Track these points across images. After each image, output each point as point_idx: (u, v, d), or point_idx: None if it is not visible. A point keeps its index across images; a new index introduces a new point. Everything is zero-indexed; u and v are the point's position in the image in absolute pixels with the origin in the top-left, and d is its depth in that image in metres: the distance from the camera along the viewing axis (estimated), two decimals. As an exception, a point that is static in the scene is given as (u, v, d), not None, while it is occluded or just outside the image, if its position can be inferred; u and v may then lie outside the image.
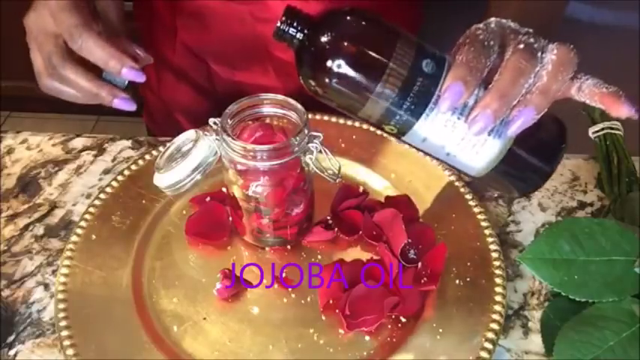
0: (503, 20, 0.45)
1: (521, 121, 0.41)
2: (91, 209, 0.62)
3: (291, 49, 0.46)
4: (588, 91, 0.44)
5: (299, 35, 0.45)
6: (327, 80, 0.43)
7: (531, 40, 0.42)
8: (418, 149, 0.47)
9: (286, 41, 0.45)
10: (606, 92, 0.44)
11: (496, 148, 0.44)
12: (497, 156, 0.45)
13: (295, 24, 0.44)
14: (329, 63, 0.43)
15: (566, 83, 0.43)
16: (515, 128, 0.42)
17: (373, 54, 0.43)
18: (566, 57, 0.42)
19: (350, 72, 0.43)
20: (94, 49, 0.53)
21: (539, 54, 0.42)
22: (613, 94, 0.44)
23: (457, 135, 0.44)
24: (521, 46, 0.42)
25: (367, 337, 0.53)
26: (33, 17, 0.57)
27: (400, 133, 0.45)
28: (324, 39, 0.43)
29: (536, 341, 0.54)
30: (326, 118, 0.71)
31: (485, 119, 0.41)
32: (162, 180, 0.56)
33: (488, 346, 0.51)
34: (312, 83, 0.45)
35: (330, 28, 0.44)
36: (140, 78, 0.55)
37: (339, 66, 0.43)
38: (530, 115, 0.41)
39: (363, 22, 0.44)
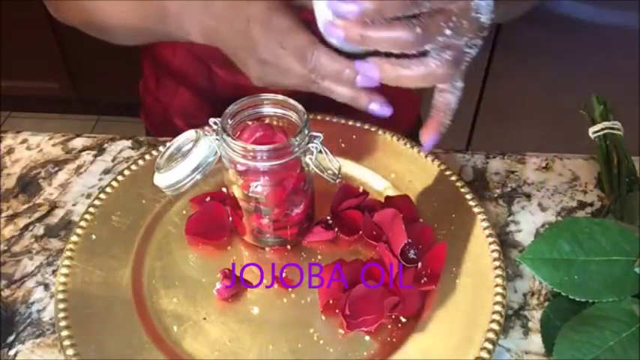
0: None
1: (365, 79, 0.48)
2: (91, 209, 0.62)
3: None
4: (439, 101, 0.49)
5: None
6: None
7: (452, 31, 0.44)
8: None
9: None
10: (441, 116, 0.49)
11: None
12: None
13: None
14: None
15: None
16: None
17: None
18: (440, 71, 0.45)
19: None
20: (329, 64, 0.49)
21: (438, 45, 0.44)
22: (440, 123, 0.49)
23: None
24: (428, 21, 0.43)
25: (367, 337, 0.53)
26: (263, 49, 0.51)
27: None
28: None
29: (536, 341, 0.54)
30: (327, 118, 0.71)
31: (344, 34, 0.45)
32: (162, 180, 0.56)
33: (488, 346, 0.51)
34: None
35: None
36: (387, 111, 0.51)
37: None
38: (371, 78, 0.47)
39: None
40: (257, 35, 0.50)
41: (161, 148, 0.66)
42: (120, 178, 0.65)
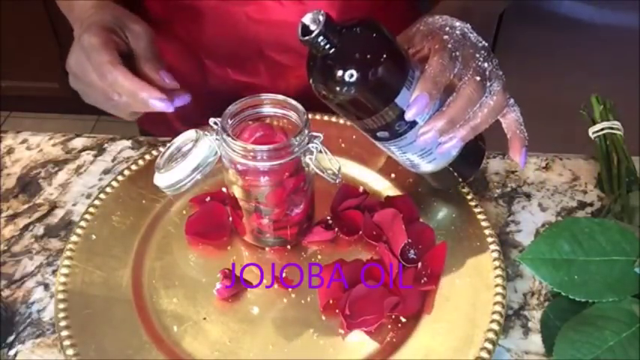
0: (465, 28, 0.52)
1: (449, 146, 0.51)
2: (91, 209, 0.62)
3: (315, 53, 0.48)
4: (508, 122, 0.54)
5: (330, 48, 0.47)
6: (350, 92, 0.47)
7: (485, 64, 0.51)
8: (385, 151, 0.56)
9: (314, 48, 0.47)
10: (518, 135, 0.53)
11: (444, 160, 0.56)
12: (443, 164, 0.56)
13: (331, 36, 0.46)
14: (355, 77, 0.47)
15: (491, 123, 0.52)
16: (442, 151, 0.52)
17: (393, 75, 0.48)
18: (500, 105, 0.51)
19: (375, 89, 0.48)
20: (124, 83, 0.55)
21: (487, 83, 0.50)
22: (521, 139, 0.53)
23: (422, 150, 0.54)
24: (477, 77, 0.49)
25: (367, 337, 0.53)
26: (74, 61, 0.58)
27: (384, 140, 0.53)
28: (354, 55, 0.47)
29: (536, 341, 0.54)
30: (326, 118, 0.71)
31: (432, 136, 0.50)
32: (162, 180, 0.56)
33: (489, 346, 0.51)
34: (334, 90, 0.48)
35: (359, 46, 0.48)
36: (168, 108, 0.56)
37: (368, 80, 0.47)
38: (458, 144, 0.51)
39: (388, 43, 0.48)
40: (72, 49, 0.59)
41: (161, 148, 0.66)
42: (120, 178, 0.65)
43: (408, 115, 0.48)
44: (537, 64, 1.44)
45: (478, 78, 0.50)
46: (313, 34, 0.46)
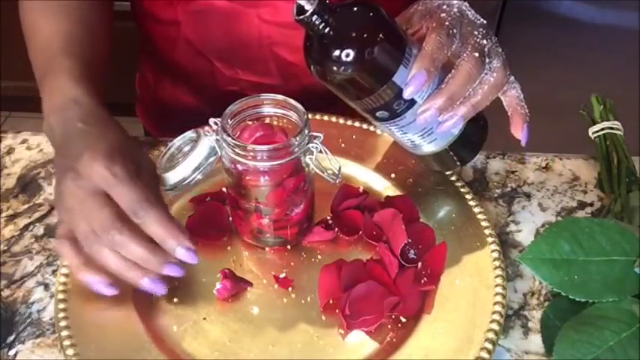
0: (463, 5, 0.51)
1: (450, 124, 0.51)
2: (91, 209, 0.62)
3: (311, 33, 0.48)
4: (509, 99, 0.54)
5: (326, 27, 0.47)
6: (347, 71, 0.48)
7: (484, 41, 0.50)
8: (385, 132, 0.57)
9: (309, 28, 0.48)
10: (519, 111, 0.53)
11: (446, 140, 0.56)
12: (444, 144, 0.56)
13: (326, 15, 0.47)
14: (351, 56, 0.47)
15: (492, 100, 0.51)
16: (443, 129, 0.52)
17: (390, 53, 0.48)
18: (500, 81, 0.51)
19: (373, 66, 0.48)
20: (155, 226, 0.49)
21: (486, 60, 0.50)
22: (522, 115, 0.53)
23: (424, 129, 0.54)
24: (476, 54, 0.49)
25: (367, 337, 0.53)
26: (72, 185, 0.49)
27: (384, 120, 0.53)
28: (350, 34, 0.48)
29: (536, 341, 0.54)
30: (326, 118, 0.71)
31: (432, 114, 0.50)
32: (162, 180, 0.56)
33: (488, 346, 0.51)
34: (331, 70, 0.49)
35: (355, 24, 0.48)
36: (193, 260, 0.50)
37: (366, 59, 0.47)
38: (458, 122, 0.51)
39: (384, 21, 0.49)
40: (67, 177, 0.49)
41: (162, 149, 0.66)
42: (120, 178, 0.65)
43: (406, 93, 0.48)
44: (537, 64, 1.45)
45: (477, 54, 0.49)
46: (308, 13, 0.46)
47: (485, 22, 0.52)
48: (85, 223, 0.49)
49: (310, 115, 0.54)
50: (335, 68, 0.48)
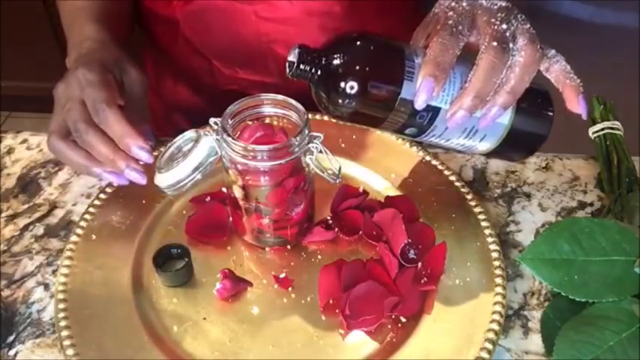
0: None
1: (491, 117, 0.48)
2: (91, 209, 0.62)
3: (308, 82, 0.49)
4: (555, 75, 0.50)
5: (316, 70, 0.48)
6: (351, 105, 0.48)
7: (503, 26, 0.47)
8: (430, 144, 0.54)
9: (302, 78, 0.48)
10: (569, 84, 0.49)
11: (498, 134, 0.52)
12: (498, 138, 0.52)
13: (311, 60, 0.48)
14: (347, 93, 0.47)
15: (530, 80, 0.48)
16: (486, 124, 0.48)
17: (386, 73, 0.48)
18: (531, 59, 0.47)
19: (373, 92, 0.47)
20: (114, 124, 0.54)
21: (510, 45, 0.47)
22: (575, 87, 0.49)
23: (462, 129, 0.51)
24: (494, 43, 0.46)
25: (367, 337, 0.53)
26: (62, 88, 0.58)
27: (417, 135, 0.51)
28: (339, 71, 0.47)
29: (536, 341, 0.54)
30: (326, 118, 0.71)
31: (462, 116, 0.47)
32: (162, 180, 0.56)
33: (488, 346, 0.51)
34: (339, 106, 0.48)
35: (343, 57, 0.48)
36: (149, 159, 0.55)
37: (365, 87, 0.47)
38: (499, 112, 0.47)
39: (372, 45, 0.48)
40: (65, 78, 0.58)
41: (162, 149, 0.66)
42: (120, 178, 0.65)
43: (418, 103, 0.47)
44: (537, 64, 1.45)
45: (495, 43, 0.46)
46: (294, 66, 0.48)
47: (505, 4, 0.49)
48: (67, 124, 0.56)
49: (310, 115, 0.54)
50: (337, 108, 0.48)
